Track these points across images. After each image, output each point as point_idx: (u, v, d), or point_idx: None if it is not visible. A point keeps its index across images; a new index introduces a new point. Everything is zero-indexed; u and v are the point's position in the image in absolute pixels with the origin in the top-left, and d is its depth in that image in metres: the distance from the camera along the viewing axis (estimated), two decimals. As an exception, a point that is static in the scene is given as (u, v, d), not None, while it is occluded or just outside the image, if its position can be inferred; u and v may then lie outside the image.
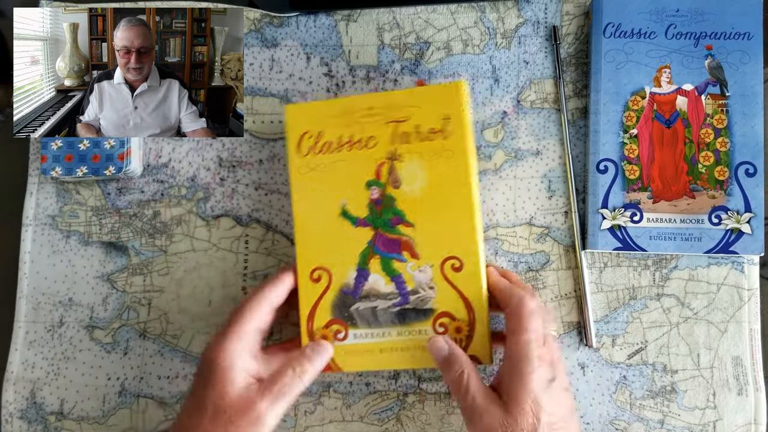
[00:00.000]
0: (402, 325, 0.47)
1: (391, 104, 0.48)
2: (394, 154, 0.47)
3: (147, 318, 0.55)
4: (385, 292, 0.47)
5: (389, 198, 0.47)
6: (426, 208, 0.47)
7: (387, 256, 0.47)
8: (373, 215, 0.48)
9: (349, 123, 0.48)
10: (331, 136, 0.48)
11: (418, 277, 0.47)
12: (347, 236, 0.48)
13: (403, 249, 0.47)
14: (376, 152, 0.48)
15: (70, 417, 0.54)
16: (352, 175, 0.48)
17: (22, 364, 0.55)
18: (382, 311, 0.47)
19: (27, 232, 0.56)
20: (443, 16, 0.57)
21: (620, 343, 0.53)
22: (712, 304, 0.53)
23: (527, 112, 0.56)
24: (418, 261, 0.47)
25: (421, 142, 0.47)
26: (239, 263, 0.55)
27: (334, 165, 0.48)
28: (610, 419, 0.52)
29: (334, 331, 0.48)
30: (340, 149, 0.48)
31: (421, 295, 0.47)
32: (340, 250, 0.48)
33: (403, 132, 0.48)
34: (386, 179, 0.48)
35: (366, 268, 0.48)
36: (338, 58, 0.57)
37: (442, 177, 0.47)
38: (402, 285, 0.47)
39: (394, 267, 0.47)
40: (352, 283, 0.48)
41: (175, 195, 0.56)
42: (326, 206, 0.48)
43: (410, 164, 0.47)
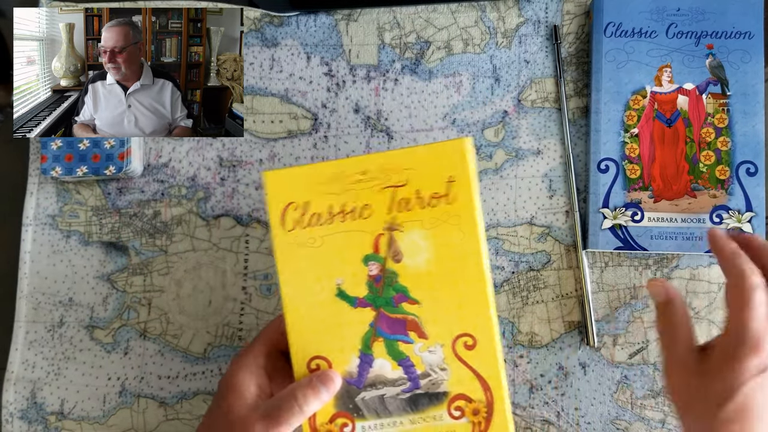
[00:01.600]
0: (414, 413, 0.43)
1: (386, 167, 0.42)
2: (393, 224, 0.42)
3: (147, 318, 0.55)
4: (392, 377, 0.43)
5: (390, 273, 0.42)
6: (432, 283, 0.42)
7: (392, 338, 0.43)
8: (373, 294, 0.43)
9: (339, 190, 0.43)
10: (319, 207, 0.43)
11: (428, 359, 0.42)
12: (346, 319, 0.42)
13: (409, 329, 0.42)
14: (373, 223, 0.42)
15: (70, 417, 0.54)
16: (347, 250, 0.42)
17: (23, 364, 0.55)
18: (391, 399, 0.43)
19: (27, 232, 0.56)
20: (444, 15, 0.57)
21: (621, 342, 0.53)
22: (713, 303, 0.53)
23: (528, 111, 0.56)
24: (426, 341, 0.42)
25: (423, 208, 0.42)
26: (239, 263, 0.55)
27: (325, 239, 0.43)
28: (611, 419, 0.52)
29: (340, 425, 0.43)
30: (331, 221, 0.43)
31: (432, 378, 0.42)
32: (340, 336, 0.43)
33: (402, 198, 0.42)
34: (386, 253, 0.42)
35: (369, 353, 0.43)
36: (338, 58, 0.57)
37: (448, 247, 0.42)
38: (411, 369, 0.43)
39: (400, 349, 0.43)
40: (356, 371, 0.43)
41: (175, 195, 0.56)
42: (320, 287, 0.42)
43: (412, 234, 0.42)
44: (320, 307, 0.43)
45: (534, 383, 0.53)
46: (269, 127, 0.57)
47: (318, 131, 0.56)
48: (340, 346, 0.43)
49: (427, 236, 0.42)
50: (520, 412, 0.53)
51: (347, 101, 0.57)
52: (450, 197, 0.42)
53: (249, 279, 0.55)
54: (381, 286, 0.43)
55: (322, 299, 0.43)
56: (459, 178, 0.42)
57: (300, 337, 0.43)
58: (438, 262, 0.42)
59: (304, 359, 0.43)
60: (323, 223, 0.43)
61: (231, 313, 0.55)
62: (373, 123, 0.56)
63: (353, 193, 0.43)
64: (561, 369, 0.53)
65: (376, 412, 0.43)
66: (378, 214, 0.42)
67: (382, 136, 0.56)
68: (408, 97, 0.56)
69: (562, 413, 0.52)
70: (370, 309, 0.43)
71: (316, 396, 0.41)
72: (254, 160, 0.56)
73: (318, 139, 0.56)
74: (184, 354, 0.55)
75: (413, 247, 0.42)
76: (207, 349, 0.54)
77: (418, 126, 0.56)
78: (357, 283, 0.43)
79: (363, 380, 0.43)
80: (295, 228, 0.43)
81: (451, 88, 0.56)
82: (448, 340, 0.42)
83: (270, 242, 0.53)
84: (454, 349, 0.42)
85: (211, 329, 0.55)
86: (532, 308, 0.54)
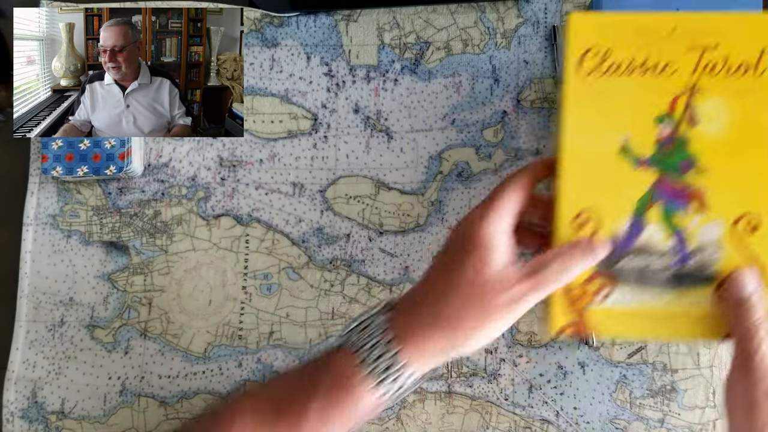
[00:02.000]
0: (676, 290, 0.40)
1: (698, 27, 0.40)
2: (695, 87, 0.40)
3: (148, 317, 0.55)
4: (661, 248, 0.40)
5: (682, 138, 0.40)
6: (725, 154, 0.40)
7: (670, 206, 0.40)
8: (659, 156, 0.40)
9: (644, 44, 0.40)
10: (620, 57, 0.40)
11: (704, 235, 0.40)
12: (624, 178, 0.40)
13: (690, 200, 0.40)
14: (673, 82, 0.40)
15: (71, 416, 0.54)
16: (641, 107, 0.40)
17: (23, 363, 0.55)
18: (655, 270, 0.40)
19: (28, 232, 0.56)
20: (443, 15, 0.57)
21: (620, 342, 0.53)
22: (712, 303, 0.53)
23: (527, 111, 0.56)
24: (706, 215, 0.40)
25: (728, 76, 0.40)
26: (239, 263, 0.55)
27: (619, 92, 0.40)
28: (610, 418, 0.52)
29: (596, 288, 0.41)
30: (629, 74, 0.40)
31: (704, 256, 0.40)
32: (614, 194, 0.40)
33: (708, 62, 0.40)
34: (681, 115, 0.40)
35: (642, 218, 0.40)
36: (338, 58, 0.57)
37: (747, 120, 0.39)
38: (683, 242, 0.40)
39: (676, 220, 0.40)
40: (624, 233, 0.40)
41: (175, 194, 0.56)
42: (603, 140, 0.40)
43: (712, 101, 0.40)
44: (600, 160, 0.40)
45: (533, 383, 0.53)
46: (269, 127, 0.57)
47: (318, 131, 0.57)
48: (612, 205, 0.40)
49: (728, 105, 0.40)
50: (519, 411, 0.53)
51: (347, 101, 0.57)
52: (759, 69, 0.40)
53: (249, 279, 0.55)
54: (669, 149, 0.40)
55: (604, 153, 0.40)
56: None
57: (572, 187, 0.40)
58: (734, 134, 0.40)
59: (571, 211, 0.40)
60: (621, 74, 0.41)
61: (231, 313, 0.55)
62: (372, 123, 0.56)
63: (658, 49, 0.40)
64: (560, 368, 0.53)
65: (636, 281, 0.40)
66: (680, 74, 0.40)
67: (381, 136, 0.56)
68: (408, 97, 0.56)
69: (561, 412, 0.53)
70: (652, 172, 0.40)
71: (585, 259, 0.39)
72: (254, 160, 0.57)
73: (318, 139, 0.57)
74: (184, 353, 0.55)
75: (711, 114, 0.40)
76: (207, 348, 0.55)
77: (417, 126, 0.56)
78: (644, 143, 0.40)
79: (630, 245, 0.40)
80: (591, 75, 0.41)
81: (450, 88, 0.56)
82: (730, 217, 0.40)
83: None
84: (735, 228, 0.40)
85: (211, 329, 0.55)
86: (531, 308, 0.54)
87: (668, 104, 0.40)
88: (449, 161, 0.56)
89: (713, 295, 0.40)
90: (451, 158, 0.56)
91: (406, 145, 0.56)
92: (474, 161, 0.56)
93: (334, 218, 0.56)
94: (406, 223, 0.55)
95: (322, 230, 0.56)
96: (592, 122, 0.40)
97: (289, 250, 0.55)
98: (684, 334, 0.41)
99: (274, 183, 0.56)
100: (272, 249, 0.56)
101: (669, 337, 0.41)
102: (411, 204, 0.56)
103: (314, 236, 0.56)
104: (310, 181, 0.56)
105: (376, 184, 0.56)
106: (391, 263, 0.55)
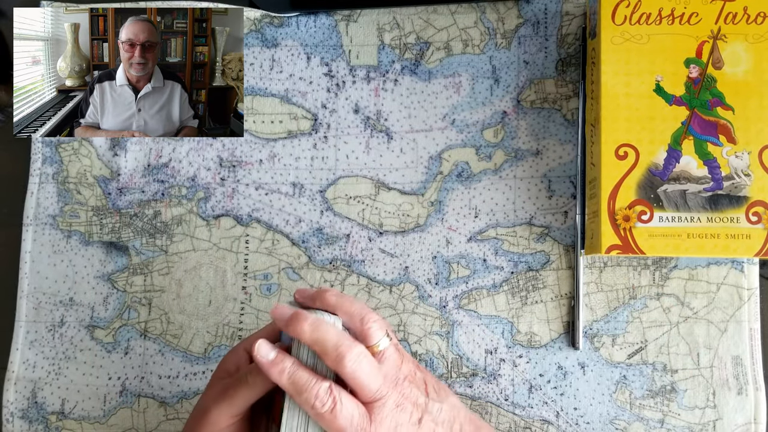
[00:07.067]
0: (713, 211, 0.46)
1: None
2: (719, 34, 0.46)
3: (147, 318, 0.55)
4: (696, 175, 0.46)
5: (709, 78, 0.46)
6: (748, 92, 0.46)
7: (702, 138, 0.46)
8: (690, 94, 0.46)
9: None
10: (650, 7, 0.47)
11: (734, 163, 0.46)
12: (660, 114, 0.47)
13: (719, 132, 0.46)
14: (699, 29, 0.47)
15: (71, 417, 0.54)
16: (671, 51, 0.47)
17: (23, 363, 0.55)
18: (692, 195, 0.46)
19: (27, 232, 0.56)
20: (443, 16, 0.57)
21: (620, 342, 0.53)
22: (712, 303, 0.53)
23: (527, 112, 0.56)
24: (734, 146, 0.46)
25: (749, 24, 0.46)
26: (239, 263, 0.55)
27: (651, 38, 0.47)
28: (610, 419, 0.52)
29: (638, 212, 0.46)
30: (659, 22, 0.47)
31: (735, 182, 0.46)
32: (651, 128, 0.47)
33: (730, 11, 0.46)
34: (707, 58, 0.46)
35: (678, 149, 0.46)
36: (338, 58, 0.57)
37: (766, 62, 0.46)
38: (716, 170, 0.46)
39: (708, 150, 0.46)
40: (662, 163, 0.46)
41: (175, 195, 0.56)
42: (639, 81, 0.47)
43: (735, 45, 0.46)
44: (637, 99, 0.47)
45: (533, 383, 0.53)
46: (269, 127, 0.57)
47: (318, 131, 0.57)
48: (650, 137, 0.46)
49: (749, 49, 0.46)
50: (519, 411, 0.53)
51: (347, 102, 0.57)
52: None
53: (249, 279, 0.55)
54: (699, 88, 0.46)
55: (640, 92, 0.47)
56: None
57: (613, 123, 0.47)
58: (756, 74, 0.46)
59: (614, 144, 0.47)
60: (651, 22, 0.47)
61: (231, 313, 0.55)
62: (372, 123, 0.56)
63: (683, 0, 0.47)
64: (560, 369, 0.53)
65: (675, 205, 0.46)
66: (705, 22, 0.46)
67: (381, 137, 0.56)
68: (408, 97, 0.56)
69: (561, 413, 0.53)
70: (684, 108, 0.46)
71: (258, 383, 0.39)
72: (254, 160, 0.57)
73: (318, 139, 0.57)
74: (184, 354, 0.55)
75: (734, 57, 0.46)
76: (207, 348, 0.55)
77: (417, 126, 0.56)
78: (675, 83, 0.47)
79: (668, 173, 0.46)
80: (624, 23, 0.47)
81: (450, 88, 0.56)
82: (756, 148, 0.46)
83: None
84: (761, 157, 0.46)
85: (211, 329, 0.55)
86: (531, 308, 0.54)
87: (695, 49, 0.46)
88: (449, 161, 0.56)
89: (746, 217, 0.46)
90: (451, 158, 0.56)
91: (406, 146, 0.56)
92: (474, 161, 0.56)
93: (333, 218, 0.56)
94: (406, 224, 0.55)
95: (322, 230, 0.56)
96: (628, 65, 0.47)
97: (288, 250, 0.55)
98: (720, 250, 0.46)
99: (274, 183, 0.56)
100: (272, 249, 0.56)
101: (708, 252, 0.46)
102: (411, 204, 0.56)
103: (314, 236, 0.56)
104: (310, 182, 0.56)
105: (376, 184, 0.56)
106: (391, 263, 0.55)
